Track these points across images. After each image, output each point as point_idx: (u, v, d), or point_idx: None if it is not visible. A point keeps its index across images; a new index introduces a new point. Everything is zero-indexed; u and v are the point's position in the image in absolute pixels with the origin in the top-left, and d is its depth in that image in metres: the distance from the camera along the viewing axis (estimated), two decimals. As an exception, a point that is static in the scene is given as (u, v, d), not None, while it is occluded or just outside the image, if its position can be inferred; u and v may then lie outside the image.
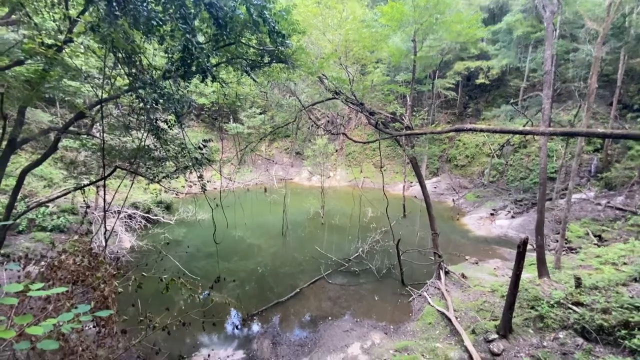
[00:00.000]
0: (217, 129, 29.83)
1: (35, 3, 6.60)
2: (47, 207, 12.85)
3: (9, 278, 6.64)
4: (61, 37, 6.59)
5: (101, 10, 4.02)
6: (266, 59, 7.49)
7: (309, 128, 29.81)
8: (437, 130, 8.19)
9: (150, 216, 16.10)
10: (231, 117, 30.80)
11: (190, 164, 7.03)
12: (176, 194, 12.79)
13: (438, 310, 8.86)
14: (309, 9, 10.45)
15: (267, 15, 4.70)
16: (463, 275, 11.06)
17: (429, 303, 9.43)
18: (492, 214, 19.65)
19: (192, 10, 4.23)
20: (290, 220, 17.33)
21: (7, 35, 10.61)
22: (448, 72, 28.14)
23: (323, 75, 11.12)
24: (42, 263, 4.26)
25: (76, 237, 5.47)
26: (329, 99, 12.65)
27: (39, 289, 2.38)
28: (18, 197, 8.87)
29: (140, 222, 15.36)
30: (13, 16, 9.48)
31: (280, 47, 5.75)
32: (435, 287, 10.42)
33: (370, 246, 13.70)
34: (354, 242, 15.10)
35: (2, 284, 7.05)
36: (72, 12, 5.79)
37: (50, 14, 6.65)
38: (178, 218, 17.06)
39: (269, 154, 34.28)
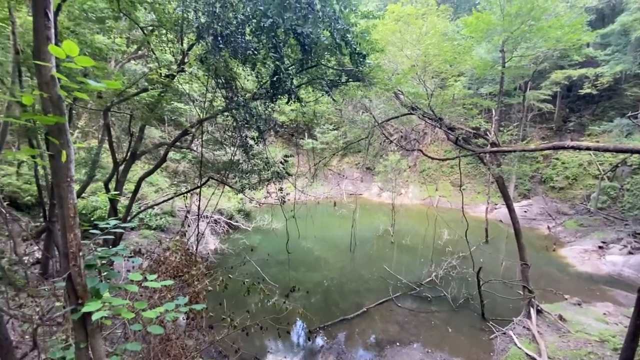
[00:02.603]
0: (294, 145, 31.59)
1: (156, 39, 8.08)
2: (154, 209, 15.13)
3: (125, 268, 8.00)
4: (174, 67, 7.91)
5: (208, 44, 4.75)
6: (344, 78, 7.76)
7: (380, 143, 29.52)
8: (529, 147, 7.31)
9: (232, 222, 17.70)
10: (306, 133, 32.38)
11: (271, 176, 7.62)
12: (259, 204, 13.92)
13: (527, 355, 7.68)
14: (387, 27, 10.54)
15: (349, 38, 4.92)
16: (561, 317, 9.42)
17: (516, 344, 8.25)
18: (601, 247, 16.44)
19: (282, 38, 4.69)
20: (358, 236, 17.18)
21: (136, 67, 13.04)
22: (543, 82, 25.07)
23: (399, 91, 11.00)
24: (150, 257, 5.06)
25: (177, 237, 6.34)
26: (405, 114, 12.40)
27: (152, 280, 2.83)
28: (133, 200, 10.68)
29: (224, 227, 17.00)
30: (140, 52, 11.64)
31: (359, 67, 5.92)
32: (524, 327, 9.08)
33: (445, 272, 12.70)
34: (426, 265, 14.20)
35: (125, 272, 8.57)
36: (185, 46, 6.93)
37: (168, 49, 8.04)
38: (255, 225, 18.37)
39: (340, 168, 34.83)
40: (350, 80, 7.81)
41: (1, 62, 9.06)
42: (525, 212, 22.78)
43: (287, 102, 5.47)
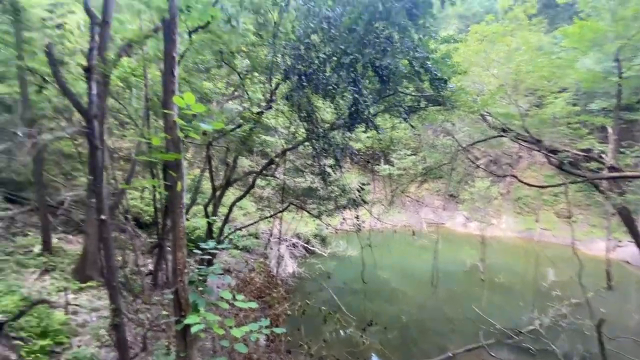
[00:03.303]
0: (370, 171, 31.51)
1: (249, 81, 9.25)
2: (242, 231, 16.59)
3: (215, 284, 8.88)
4: (263, 104, 8.87)
5: (293, 83, 5.25)
6: (423, 104, 7.59)
7: (465, 169, 27.30)
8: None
9: (309, 247, 18.19)
10: (382, 159, 32.04)
11: (347, 204, 7.73)
12: (335, 230, 14.16)
13: None
14: (470, 48, 10.05)
15: (429, 65, 4.85)
16: None
17: None
18: None
19: (361, 72, 4.90)
20: (441, 270, 15.75)
21: (232, 106, 14.96)
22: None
23: (486, 112, 10.19)
24: (237, 276, 5.53)
25: (260, 259, 6.80)
26: (494, 137, 11.39)
27: (240, 300, 3.07)
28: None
29: (301, 251, 17.56)
30: (235, 93, 13.35)
31: (440, 92, 5.74)
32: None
33: (552, 320, 10.63)
34: (526, 310, 12.13)
35: (216, 290, 9.54)
36: (273, 86, 7.78)
37: (259, 89, 9.11)
38: (331, 251, 18.50)
39: (419, 195, 33.12)
40: (429, 105, 7.59)
41: (136, 109, 11.49)
42: (667, 253, 17.92)
43: (364, 131, 5.59)
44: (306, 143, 7.44)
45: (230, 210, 9.68)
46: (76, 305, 7.70)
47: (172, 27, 2.32)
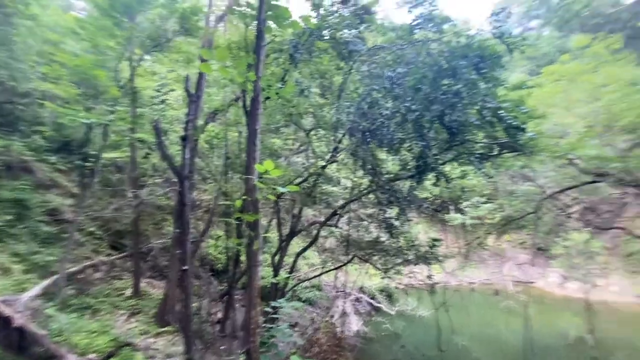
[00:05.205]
0: (438, 221, 29.50)
1: (315, 136, 9.84)
2: (305, 282, 16.46)
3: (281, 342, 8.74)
4: (328, 157, 9.26)
5: (357, 139, 5.46)
6: (496, 151, 7.10)
7: (554, 218, 23.81)
8: None
9: (374, 303, 17.04)
10: (453, 207, 29.91)
11: (416, 259, 7.23)
12: (404, 286, 13.18)
13: None
14: (545, 90, 9.39)
15: (502, 114, 4.63)
16: None
17: None
18: None
19: (428, 126, 4.89)
20: (535, 341, 13.19)
21: (298, 160, 15.86)
22: None
23: (574, 156, 9.07)
24: (302, 335, 5.37)
25: (326, 318, 6.55)
26: (587, 182, 9.95)
27: (308, 366, 2.93)
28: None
29: (366, 306, 16.51)
30: (301, 147, 14.21)
31: (515, 138, 5.34)
32: None
33: None
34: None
35: (281, 346, 9.40)
36: (337, 141, 8.17)
37: (324, 144, 9.61)
38: (399, 309, 17.02)
39: (499, 248, 29.45)
40: (504, 151, 7.07)
41: (216, 166, 12.96)
42: None
43: (434, 183, 5.38)
44: (370, 195, 7.39)
45: (296, 260, 9.78)
46: (155, 349, 8.20)
47: (256, 105, 2.69)
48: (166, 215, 15.31)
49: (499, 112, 4.57)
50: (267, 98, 7.14)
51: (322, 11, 8.59)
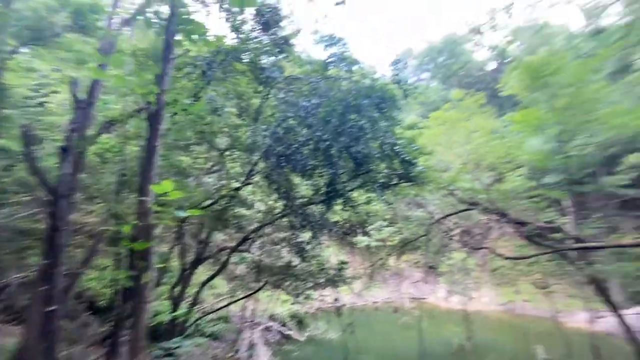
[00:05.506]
0: (347, 244, 31.12)
1: (229, 157, 9.50)
2: (210, 314, 15.06)
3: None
4: (242, 178, 8.99)
5: (272, 163, 5.48)
6: (395, 180, 8.00)
7: (441, 239, 27.66)
8: (624, 242, 6.22)
9: (284, 331, 16.60)
10: (360, 231, 32.05)
11: (326, 282, 7.40)
12: (314, 310, 13.18)
13: None
14: (432, 132, 11.18)
15: (398, 149, 5.28)
16: None
17: None
18: None
19: (337, 155, 5.23)
20: (427, 352, 14.68)
21: (209, 180, 14.98)
22: (619, 167, 22.85)
23: (454, 187, 10.84)
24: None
25: (230, 353, 6.05)
26: (463, 210, 11.91)
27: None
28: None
29: (276, 335, 15.93)
30: (214, 167, 13.52)
31: (409, 172, 6.15)
32: None
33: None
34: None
35: None
36: (252, 164, 8.02)
37: (238, 164, 9.32)
38: (309, 335, 16.93)
39: (399, 268, 32.50)
40: (401, 181, 8.02)
41: (108, 183, 11.22)
42: (644, 323, 17.90)
43: (342, 208, 5.70)
44: (284, 218, 7.39)
45: (200, 291, 8.92)
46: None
47: (157, 119, 2.44)
48: (34, 241, 12.38)
49: (395, 147, 5.24)
50: (176, 113, 6.66)
51: (241, 35, 8.64)
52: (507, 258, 15.76)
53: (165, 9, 3.73)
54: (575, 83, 11.12)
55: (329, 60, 7.12)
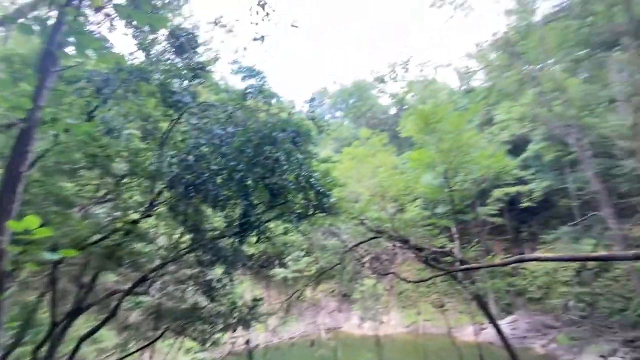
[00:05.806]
0: (263, 278, 29.93)
1: (127, 185, 8.36)
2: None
3: None
4: (141, 209, 7.94)
5: (179, 193, 5.01)
6: (311, 211, 8.18)
7: (354, 267, 28.95)
8: (495, 263, 7.52)
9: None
10: (277, 262, 31.31)
11: (238, 322, 6.83)
12: (225, 357, 11.82)
13: None
14: (344, 165, 12.04)
15: (313, 181, 5.47)
16: None
17: None
18: (602, 365, 15.24)
19: (252, 186, 5.10)
20: (343, 383, 14.65)
21: (101, 211, 12.88)
22: (488, 199, 28.11)
23: (364, 217, 11.64)
24: None
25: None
26: (372, 238, 12.78)
27: None
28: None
29: (178, 391, 13.79)
30: (107, 196, 11.74)
31: (324, 203, 6.39)
32: None
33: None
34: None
35: None
36: (155, 193, 7.19)
37: (138, 194, 8.26)
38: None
39: (314, 298, 32.47)
40: (317, 212, 8.24)
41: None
42: (513, 329, 21.52)
43: (257, 241, 5.49)
44: (191, 253, 6.71)
45: (77, 348, 7.23)
46: None
47: (26, 140, 1.97)
48: None
49: (310, 179, 5.42)
50: (59, 134, 5.65)
51: (151, 55, 8.06)
52: (409, 281, 17.29)
53: (53, 14, 3.25)
54: (455, 130, 13.52)
55: (247, 91, 7.15)
